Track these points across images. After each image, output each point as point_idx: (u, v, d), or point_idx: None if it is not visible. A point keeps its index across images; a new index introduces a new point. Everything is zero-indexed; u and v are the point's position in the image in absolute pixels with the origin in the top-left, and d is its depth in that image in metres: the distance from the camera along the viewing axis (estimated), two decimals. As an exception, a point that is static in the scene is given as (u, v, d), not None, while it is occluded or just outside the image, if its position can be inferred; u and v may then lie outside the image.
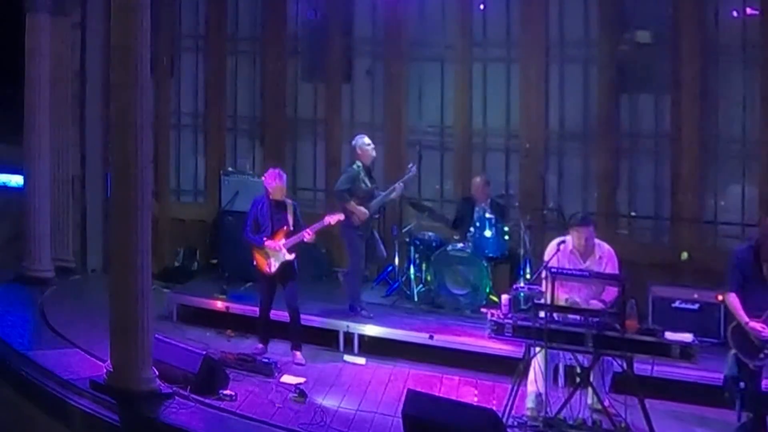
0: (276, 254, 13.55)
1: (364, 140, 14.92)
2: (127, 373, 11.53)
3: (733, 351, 11.15)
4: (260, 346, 13.77)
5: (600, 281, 11.65)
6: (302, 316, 13.74)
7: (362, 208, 14.46)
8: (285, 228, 13.58)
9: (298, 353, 13.54)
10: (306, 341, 13.72)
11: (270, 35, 18.06)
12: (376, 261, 15.59)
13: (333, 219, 13.72)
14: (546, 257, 11.85)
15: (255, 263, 13.85)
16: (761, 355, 10.91)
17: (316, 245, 14.87)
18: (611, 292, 11.62)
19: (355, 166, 14.79)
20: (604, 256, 11.86)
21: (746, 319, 10.94)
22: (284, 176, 13.77)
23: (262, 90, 18.21)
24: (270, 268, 13.62)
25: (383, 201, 15.00)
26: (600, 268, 11.73)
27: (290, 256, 13.54)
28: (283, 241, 13.53)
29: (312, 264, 15.87)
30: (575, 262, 11.76)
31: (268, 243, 13.58)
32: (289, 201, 13.87)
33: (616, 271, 11.79)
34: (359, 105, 17.68)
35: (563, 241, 11.81)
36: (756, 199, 14.74)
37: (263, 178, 13.91)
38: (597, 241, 11.97)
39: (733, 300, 11.13)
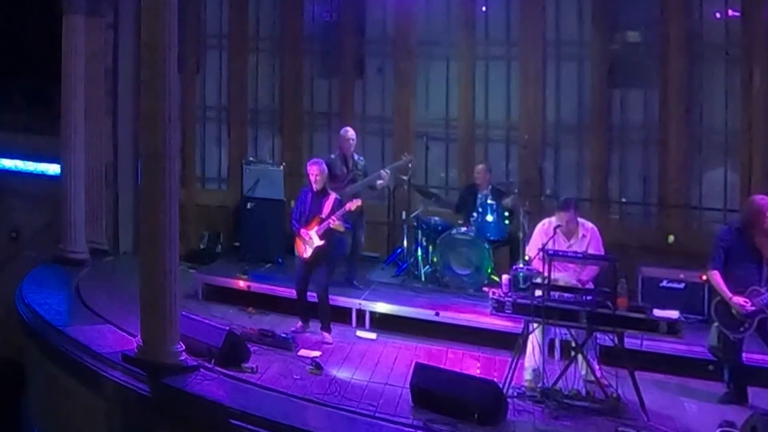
0: (309, 242, 13.45)
1: (343, 131, 15.24)
2: (156, 347, 11.52)
3: (716, 323, 11.17)
4: (300, 324, 13.66)
5: (591, 262, 11.66)
6: (310, 295, 13.62)
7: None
8: (318, 216, 13.43)
9: (326, 334, 13.39)
10: (315, 317, 13.59)
11: (288, 35, 18.03)
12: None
13: (352, 205, 13.59)
14: (536, 236, 11.99)
15: (295, 248, 13.75)
16: (741, 329, 10.96)
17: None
18: (590, 270, 11.76)
19: (332, 154, 15.17)
20: (587, 234, 11.90)
21: (730, 294, 10.96)
22: (316, 165, 13.54)
23: (280, 85, 18.17)
24: (305, 253, 13.48)
25: (363, 186, 14.98)
26: (583, 246, 11.80)
27: (320, 242, 13.38)
28: (315, 229, 13.41)
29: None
30: (560, 241, 11.77)
31: (302, 232, 13.44)
32: (333, 193, 13.66)
33: (600, 247, 11.87)
34: (370, 99, 17.66)
35: (559, 225, 11.79)
36: (737, 186, 14.74)
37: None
38: (580, 220, 12.02)
39: (716, 276, 11.16)
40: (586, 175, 16.04)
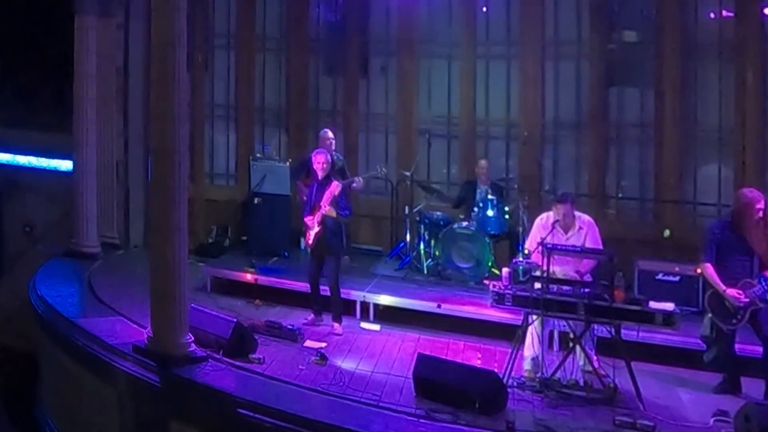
0: (311, 228, 13.44)
1: (323, 132, 15.48)
2: (166, 338, 11.51)
3: (709, 315, 11.16)
4: (312, 317, 13.64)
5: (588, 256, 11.64)
6: (323, 288, 13.55)
7: (304, 187, 14.47)
8: (318, 204, 13.41)
9: (336, 324, 13.37)
10: (328, 310, 13.58)
11: (294, 34, 18.03)
12: None
13: (336, 189, 13.51)
14: (535, 230, 11.96)
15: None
16: (734, 320, 10.94)
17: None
18: (588, 263, 11.72)
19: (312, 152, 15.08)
20: (584, 227, 11.86)
21: (723, 286, 10.93)
22: (322, 155, 13.52)
23: (287, 84, 18.18)
24: (309, 239, 13.52)
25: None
26: (581, 238, 11.77)
27: (317, 228, 13.37)
28: (315, 216, 13.41)
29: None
30: (558, 235, 11.75)
31: (306, 219, 13.48)
32: (335, 181, 13.57)
33: (597, 239, 11.84)
34: (374, 97, 17.69)
35: (557, 220, 11.78)
36: (731, 181, 14.71)
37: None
38: (577, 214, 11.98)
39: (709, 269, 11.12)
40: (583, 171, 16.05)
